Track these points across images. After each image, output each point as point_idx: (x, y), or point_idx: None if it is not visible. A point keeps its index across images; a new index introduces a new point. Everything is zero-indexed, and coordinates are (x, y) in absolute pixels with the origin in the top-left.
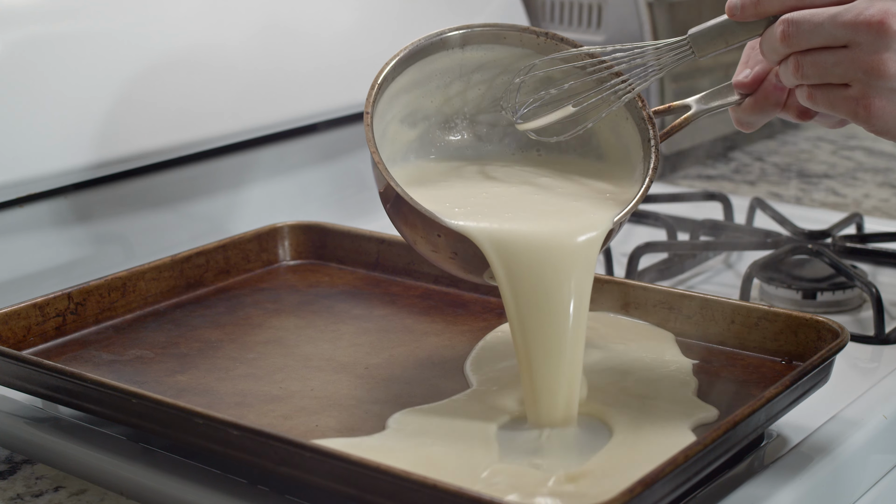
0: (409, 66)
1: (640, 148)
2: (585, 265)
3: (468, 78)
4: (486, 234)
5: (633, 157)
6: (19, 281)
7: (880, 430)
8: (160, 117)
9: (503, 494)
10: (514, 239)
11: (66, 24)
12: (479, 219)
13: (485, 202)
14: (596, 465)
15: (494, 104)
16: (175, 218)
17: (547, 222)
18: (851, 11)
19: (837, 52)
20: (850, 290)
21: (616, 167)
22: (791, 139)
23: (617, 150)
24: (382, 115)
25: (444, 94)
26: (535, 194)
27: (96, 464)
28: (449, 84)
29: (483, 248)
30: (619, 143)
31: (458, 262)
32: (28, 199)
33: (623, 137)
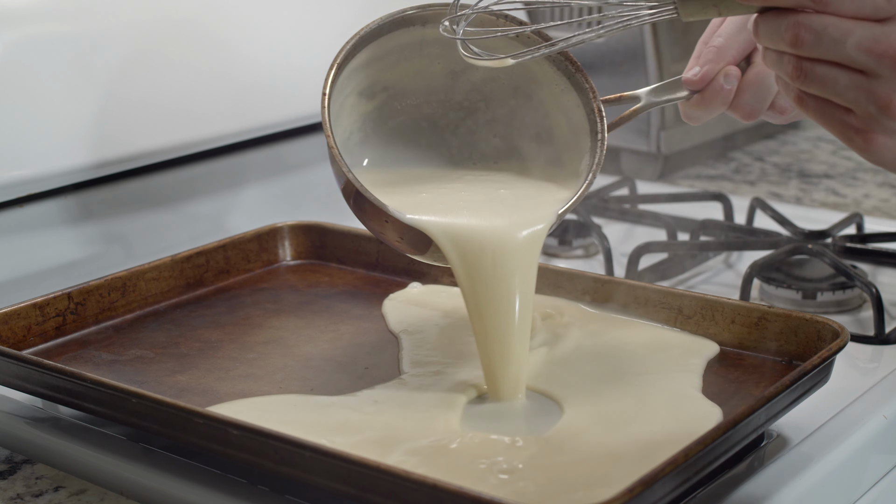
0: (368, 44)
1: (587, 139)
2: (529, 259)
3: (427, 52)
4: (441, 229)
5: (582, 149)
6: (19, 281)
7: (880, 430)
8: (160, 117)
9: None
10: (466, 235)
11: (66, 24)
12: (432, 213)
13: (441, 196)
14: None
15: (453, 78)
16: (175, 218)
17: (494, 217)
18: (882, 43)
19: (853, 75)
20: (850, 290)
21: (567, 157)
22: (791, 139)
23: (568, 140)
24: (340, 90)
25: (404, 68)
26: (488, 190)
27: (96, 464)
28: (408, 58)
29: (440, 243)
30: (571, 132)
31: (404, 245)
32: (28, 199)
33: (574, 126)
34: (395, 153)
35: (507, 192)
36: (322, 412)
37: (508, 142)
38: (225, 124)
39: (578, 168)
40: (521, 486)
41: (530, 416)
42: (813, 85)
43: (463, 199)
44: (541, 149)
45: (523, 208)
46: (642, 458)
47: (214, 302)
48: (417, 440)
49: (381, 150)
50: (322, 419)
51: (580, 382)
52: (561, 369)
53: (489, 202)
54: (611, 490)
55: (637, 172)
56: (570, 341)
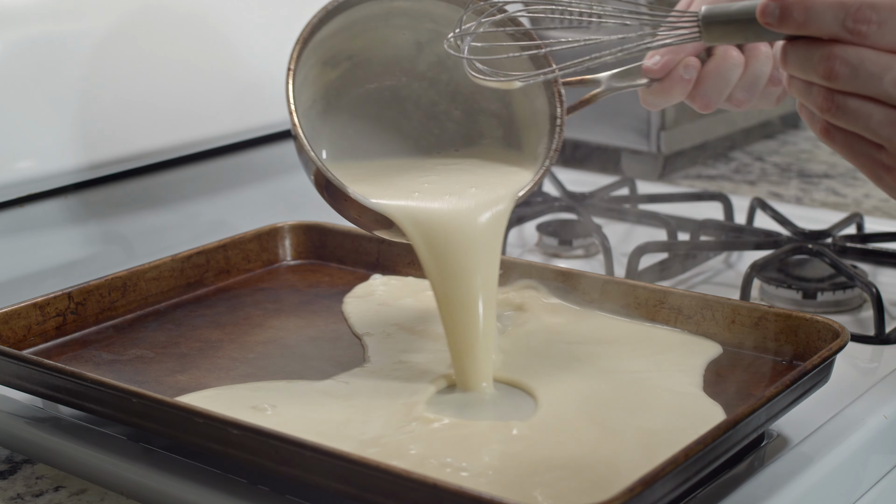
0: (334, 17)
1: (547, 122)
2: (490, 243)
3: (393, 23)
4: (403, 213)
5: (542, 130)
6: (19, 281)
7: (880, 430)
8: (160, 117)
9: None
10: (428, 219)
11: (66, 24)
12: (396, 198)
13: (404, 182)
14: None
15: (418, 48)
16: (175, 218)
17: (455, 201)
18: None
19: (888, 110)
20: (851, 290)
21: (526, 137)
22: (791, 139)
23: (528, 119)
24: (305, 62)
25: (369, 37)
26: (449, 174)
27: (96, 463)
28: (374, 28)
29: (405, 228)
30: (531, 112)
31: (363, 222)
32: (28, 199)
33: (535, 106)
34: (356, 125)
35: (469, 177)
36: (287, 397)
37: (470, 116)
38: (225, 124)
39: (537, 151)
40: (507, 482)
41: (502, 406)
42: (844, 119)
43: (426, 184)
44: (501, 126)
45: (483, 192)
46: (644, 454)
47: (215, 302)
48: (385, 429)
49: (344, 120)
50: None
51: (561, 374)
52: (539, 361)
53: (451, 187)
54: (611, 490)
55: (637, 172)
56: (542, 331)
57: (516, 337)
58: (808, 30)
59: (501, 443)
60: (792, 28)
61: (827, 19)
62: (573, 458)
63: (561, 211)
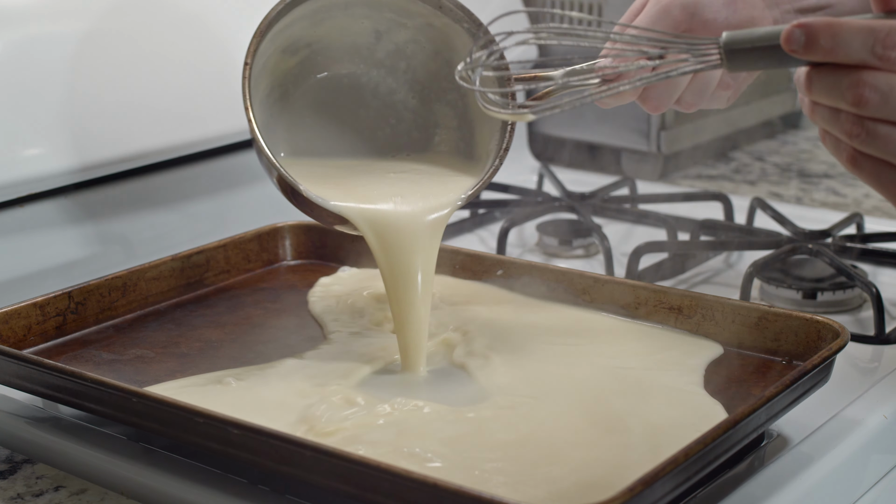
0: (294, 8)
1: (499, 125)
2: (432, 241)
3: (353, 11)
4: (359, 214)
5: (494, 126)
6: (19, 281)
7: (880, 430)
8: (160, 117)
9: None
10: (382, 221)
11: (66, 24)
12: (351, 199)
13: (360, 183)
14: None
15: (377, 37)
16: (175, 218)
17: (403, 204)
18: None
19: None
20: (851, 290)
21: (479, 132)
22: (791, 139)
23: (483, 116)
24: (263, 53)
25: (328, 25)
26: (402, 178)
27: (97, 463)
28: (334, 17)
29: (359, 226)
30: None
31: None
32: (28, 199)
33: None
34: (314, 113)
35: (419, 182)
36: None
37: (427, 105)
38: (225, 124)
39: (489, 149)
40: (502, 482)
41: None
42: (874, 146)
43: (381, 186)
44: (457, 117)
45: (431, 196)
46: (650, 452)
47: (215, 301)
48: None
49: (301, 108)
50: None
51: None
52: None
53: (402, 190)
54: (611, 489)
55: (637, 172)
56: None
57: (507, 332)
58: (836, 57)
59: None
60: (819, 55)
61: (855, 46)
62: (571, 455)
63: (561, 211)
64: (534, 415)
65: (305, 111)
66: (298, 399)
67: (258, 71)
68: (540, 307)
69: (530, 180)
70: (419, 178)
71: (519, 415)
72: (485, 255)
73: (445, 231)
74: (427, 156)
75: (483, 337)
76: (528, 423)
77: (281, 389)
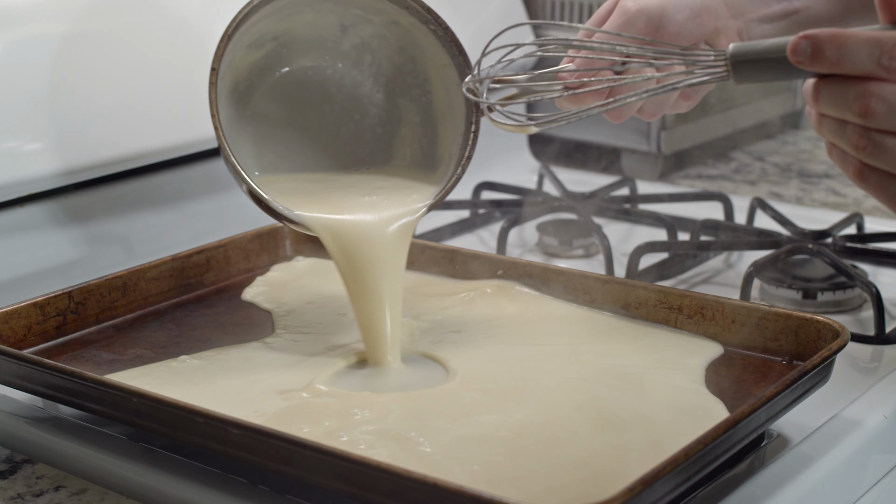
0: (260, 9)
1: (462, 122)
2: (399, 251)
3: (319, 7)
4: (321, 225)
5: (458, 128)
6: (19, 281)
7: (880, 430)
8: (160, 117)
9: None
10: (343, 231)
11: (66, 24)
12: (315, 209)
13: (325, 193)
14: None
15: (342, 30)
16: (175, 218)
17: (366, 213)
18: None
19: None
20: (851, 290)
21: (443, 133)
22: (791, 139)
23: (445, 114)
24: (230, 52)
25: (295, 19)
26: (364, 187)
27: (97, 463)
28: (300, 11)
29: (321, 236)
30: (449, 107)
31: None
32: (28, 199)
33: (452, 102)
34: (279, 108)
35: (384, 189)
36: (205, 376)
37: (391, 100)
38: None
39: (451, 151)
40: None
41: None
42: (881, 158)
43: (344, 195)
44: (420, 113)
45: (394, 205)
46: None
47: (215, 302)
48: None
49: (266, 102)
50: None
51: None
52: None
53: (367, 200)
54: (611, 489)
55: (637, 172)
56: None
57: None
58: (842, 68)
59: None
60: (825, 67)
61: (861, 57)
62: (571, 454)
63: (561, 211)
64: (534, 413)
65: (270, 105)
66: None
67: (225, 69)
68: (541, 306)
69: (530, 180)
70: (383, 188)
71: (519, 412)
72: (485, 255)
73: (446, 231)
74: (391, 163)
75: (483, 336)
76: (528, 422)
77: (241, 374)
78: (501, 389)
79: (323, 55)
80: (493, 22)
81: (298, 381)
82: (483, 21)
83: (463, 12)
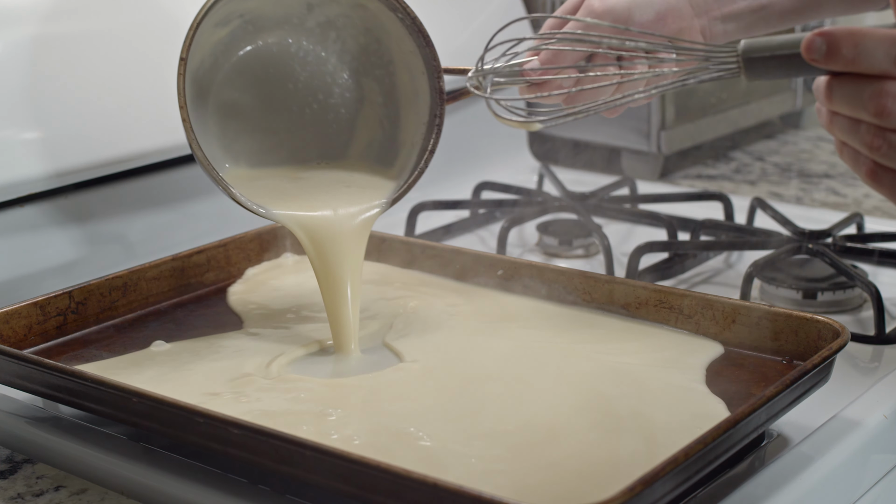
0: None
1: (426, 113)
2: (358, 241)
3: None
4: (293, 220)
5: (420, 119)
6: (19, 281)
7: (880, 430)
8: (160, 117)
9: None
10: (312, 226)
11: (66, 24)
12: (284, 206)
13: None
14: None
15: (308, 8)
16: (175, 218)
17: (332, 207)
18: None
19: None
20: (851, 290)
21: (406, 120)
22: (791, 139)
23: (410, 100)
24: (199, 38)
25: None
26: (330, 183)
27: (97, 463)
28: None
29: (294, 230)
30: (413, 93)
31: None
32: (28, 199)
33: (416, 88)
34: (243, 86)
35: (349, 183)
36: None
37: (356, 79)
38: None
39: (414, 139)
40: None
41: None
42: (895, 159)
43: (313, 192)
44: (382, 94)
45: (358, 201)
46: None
47: (215, 301)
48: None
49: (231, 81)
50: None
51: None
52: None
53: (331, 192)
54: (611, 489)
55: (637, 172)
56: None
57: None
58: (858, 66)
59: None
60: (840, 65)
61: (878, 56)
62: (571, 452)
63: (561, 211)
64: (533, 412)
65: (235, 86)
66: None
67: (193, 51)
68: (541, 307)
69: (530, 180)
70: (347, 183)
71: (520, 411)
72: (485, 255)
73: (447, 231)
74: (353, 145)
75: (483, 336)
76: (528, 420)
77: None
78: (499, 385)
79: (288, 32)
80: (494, 21)
81: (254, 365)
82: (483, 21)
83: (463, 12)
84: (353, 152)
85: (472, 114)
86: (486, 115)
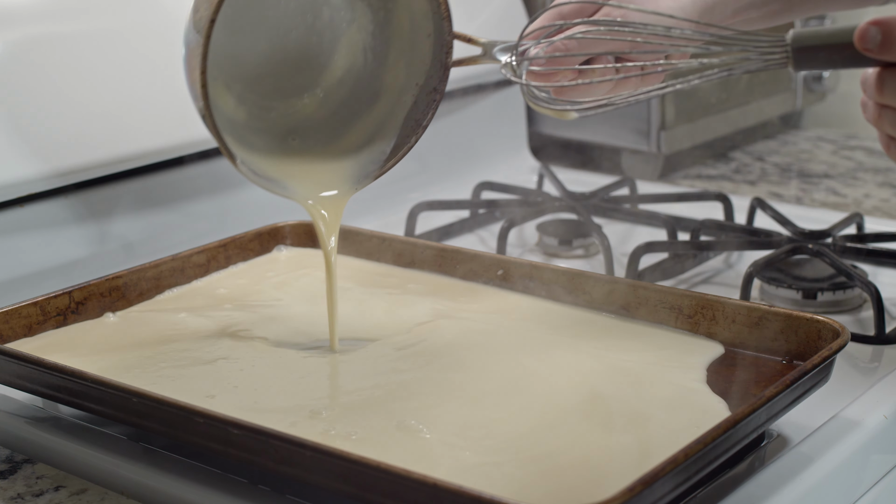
0: None
1: (421, 82)
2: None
3: None
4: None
5: (415, 82)
6: (19, 281)
7: (880, 430)
8: (160, 117)
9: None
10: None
11: (66, 24)
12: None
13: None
14: None
15: None
16: (175, 218)
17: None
18: None
19: None
20: (851, 290)
21: (392, 61)
22: (791, 139)
23: (405, 56)
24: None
25: None
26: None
27: (97, 463)
28: None
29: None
30: (412, 52)
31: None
32: (28, 199)
33: (415, 50)
34: (236, 18)
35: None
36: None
37: (349, 38)
38: None
39: (403, 100)
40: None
41: None
42: None
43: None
44: (373, 21)
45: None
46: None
47: None
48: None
49: (226, 39)
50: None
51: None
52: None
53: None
54: (610, 489)
55: (637, 172)
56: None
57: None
58: None
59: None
60: (895, 55)
61: None
62: (570, 451)
63: (561, 211)
64: (532, 411)
65: (229, 39)
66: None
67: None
68: (541, 307)
69: (530, 180)
70: (335, 156)
71: (518, 409)
72: (485, 255)
73: (447, 232)
74: (329, 82)
75: (483, 336)
76: (526, 418)
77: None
78: (500, 386)
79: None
80: (494, 21)
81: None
82: (483, 21)
83: (463, 12)
84: (330, 77)
85: (472, 114)
86: (487, 115)
